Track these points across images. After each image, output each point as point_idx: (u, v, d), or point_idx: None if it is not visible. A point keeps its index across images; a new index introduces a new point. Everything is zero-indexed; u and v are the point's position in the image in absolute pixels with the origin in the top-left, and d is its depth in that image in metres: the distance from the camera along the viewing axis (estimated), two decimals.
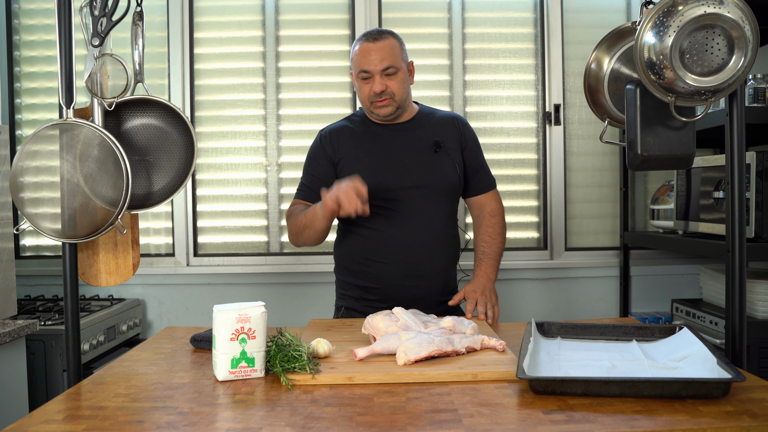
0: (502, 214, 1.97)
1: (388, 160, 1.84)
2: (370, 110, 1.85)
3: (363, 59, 1.79)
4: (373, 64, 1.78)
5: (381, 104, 1.81)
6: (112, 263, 1.55)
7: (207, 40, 2.78)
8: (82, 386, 1.18)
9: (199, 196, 2.79)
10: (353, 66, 1.83)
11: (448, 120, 1.95)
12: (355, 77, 1.83)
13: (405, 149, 1.85)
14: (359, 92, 1.85)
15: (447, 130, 1.91)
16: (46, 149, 1.39)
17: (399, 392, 1.11)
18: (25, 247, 2.81)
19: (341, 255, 1.92)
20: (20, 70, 2.77)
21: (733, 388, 1.07)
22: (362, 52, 1.80)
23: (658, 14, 1.28)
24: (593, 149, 2.83)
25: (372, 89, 1.79)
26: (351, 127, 1.91)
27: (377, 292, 1.83)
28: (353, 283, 1.88)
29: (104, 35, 1.40)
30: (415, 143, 1.87)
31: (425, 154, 1.85)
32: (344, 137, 1.89)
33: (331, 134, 1.91)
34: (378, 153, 1.85)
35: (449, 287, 1.90)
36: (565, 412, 0.99)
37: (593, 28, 2.78)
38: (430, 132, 1.89)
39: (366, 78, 1.80)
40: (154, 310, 2.78)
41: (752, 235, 1.99)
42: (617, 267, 2.81)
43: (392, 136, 1.88)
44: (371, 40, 1.80)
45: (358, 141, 1.88)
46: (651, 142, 1.41)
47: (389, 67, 1.78)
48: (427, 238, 1.82)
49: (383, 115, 1.83)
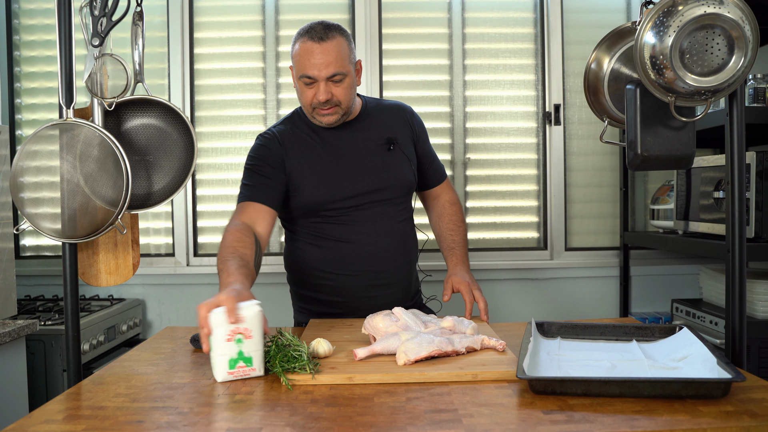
0: (460, 203, 1.90)
1: (341, 164, 1.68)
2: (312, 116, 1.67)
3: (305, 62, 1.58)
4: (317, 69, 1.57)
5: (325, 113, 1.63)
6: (112, 263, 1.55)
7: (207, 40, 2.78)
8: (82, 386, 1.18)
9: (199, 196, 2.79)
10: (294, 66, 1.63)
11: (396, 112, 1.80)
12: (296, 79, 1.63)
13: (357, 151, 1.70)
14: (300, 96, 1.65)
15: (397, 124, 1.77)
16: (46, 149, 1.39)
17: (399, 392, 1.11)
18: (25, 247, 2.81)
19: (296, 267, 1.77)
20: (20, 70, 2.77)
21: (733, 388, 1.07)
22: (305, 53, 1.58)
23: (658, 14, 1.28)
24: (593, 149, 2.83)
25: (316, 97, 1.60)
26: (295, 131, 1.72)
27: (341, 305, 1.72)
28: (313, 297, 1.76)
29: (104, 35, 1.40)
30: (367, 143, 1.72)
31: (379, 154, 1.71)
32: (290, 142, 1.70)
33: (275, 137, 1.71)
34: (329, 158, 1.69)
35: (412, 291, 1.82)
36: (565, 412, 0.99)
37: (593, 28, 2.78)
38: (381, 128, 1.75)
39: (309, 83, 1.60)
40: (154, 310, 2.78)
41: (752, 235, 1.99)
42: (617, 267, 2.81)
43: (341, 137, 1.71)
44: (316, 40, 1.58)
45: (306, 147, 1.70)
46: (651, 142, 1.41)
47: (336, 74, 1.58)
48: (390, 244, 1.71)
49: (327, 123, 1.66)
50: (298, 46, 1.61)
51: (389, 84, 2.78)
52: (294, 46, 1.63)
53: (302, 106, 1.68)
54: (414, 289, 1.84)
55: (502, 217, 2.81)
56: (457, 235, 1.83)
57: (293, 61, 1.63)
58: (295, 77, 1.64)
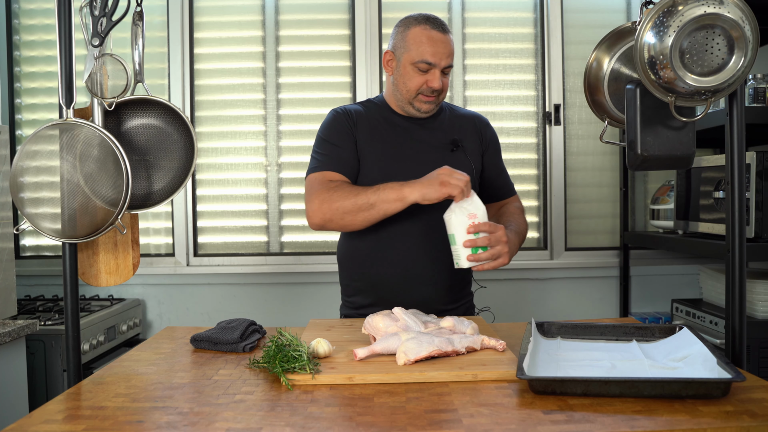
0: (524, 213, 1.84)
1: (402, 153, 1.70)
2: (410, 102, 1.69)
3: (430, 48, 1.62)
4: (439, 57, 1.62)
5: (430, 100, 1.68)
6: (112, 263, 1.55)
7: (207, 40, 2.78)
8: (82, 386, 1.18)
9: (199, 196, 2.79)
10: (409, 50, 1.65)
11: (469, 119, 1.83)
12: (407, 63, 1.65)
13: (421, 144, 1.72)
14: (407, 80, 1.67)
15: (467, 130, 1.79)
16: (46, 149, 1.38)
17: (399, 392, 1.11)
18: (25, 247, 2.81)
19: (342, 256, 1.81)
20: (20, 70, 2.77)
21: (733, 388, 1.07)
22: (430, 40, 1.62)
23: (658, 14, 1.28)
24: (593, 149, 2.83)
25: (428, 83, 1.64)
26: (365, 113, 1.76)
27: (374, 296, 1.73)
28: (355, 288, 1.77)
29: (104, 35, 1.40)
30: (433, 140, 1.74)
31: (441, 153, 1.73)
32: (361, 120, 1.73)
33: (348, 113, 1.74)
34: (394, 144, 1.71)
35: (457, 294, 1.77)
36: (565, 412, 0.99)
37: (593, 28, 2.78)
38: (449, 130, 1.77)
39: (425, 69, 1.64)
40: (154, 310, 2.78)
41: (752, 235, 1.99)
42: (617, 267, 2.81)
43: (410, 129, 1.74)
44: (439, 29, 1.63)
45: (374, 128, 1.72)
46: (651, 142, 1.41)
47: (450, 65, 1.66)
48: (429, 242, 1.69)
49: (425, 111, 1.70)
50: (418, 31, 1.64)
51: None
52: (408, 30, 1.66)
53: (402, 90, 1.69)
54: (460, 293, 1.79)
55: None
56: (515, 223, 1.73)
57: (407, 44, 1.65)
58: (404, 62, 1.66)
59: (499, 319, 2.75)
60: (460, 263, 1.50)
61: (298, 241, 2.80)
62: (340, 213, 1.57)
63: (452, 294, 1.76)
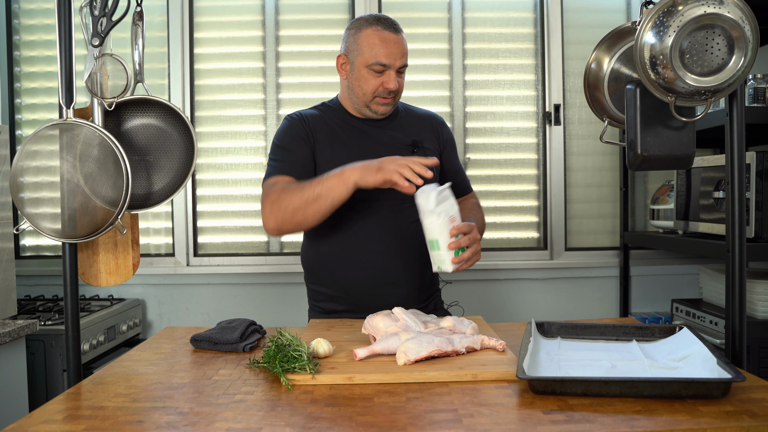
0: (481, 209, 1.85)
1: (363, 156, 1.63)
2: (367, 105, 1.68)
3: (384, 50, 1.60)
4: (393, 58, 1.61)
5: (386, 102, 1.66)
6: (112, 263, 1.55)
7: (207, 40, 2.78)
8: (82, 386, 1.18)
9: (199, 196, 2.79)
10: (362, 53, 1.63)
11: (426, 119, 1.82)
12: (362, 66, 1.64)
13: (381, 147, 1.70)
14: (362, 83, 1.66)
15: (425, 130, 1.79)
16: (46, 149, 1.38)
17: (399, 392, 1.11)
18: (25, 247, 2.81)
19: (307, 262, 1.78)
20: (20, 70, 2.77)
21: (733, 388, 1.07)
22: (383, 41, 1.61)
23: (658, 14, 1.28)
24: (593, 149, 2.83)
25: (384, 85, 1.63)
26: (322, 117, 1.73)
27: (346, 301, 1.70)
28: (323, 293, 1.75)
29: (104, 35, 1.40)
30: (393, 141, 1.72)
31: (402, 154, 1.69)
32: (318, 124, 1.71)
33: (304, 119, 1.72)
34: (353, 147, 1.69)
35: (426, 292, 1.78)
36: (565, 412, 0.99)
37: (593, 28, 2.78)
38: (408, 130, 1.76)
39: (380, 71, 1.62)
40: (154, 310, 2.78)
41: (752, 235, 1.99)
42: (617, 267, 2.81)
43: (369, 131, 1.72)
44: (391, 30, 1.62)
45: (332, 131, 1.71)
46: (651, 142, 1.41)
47: (404, 65, 1.64)
48: (400, 244, 1.68)
49: (382, 113, 1.69)
50: (369, 33, 1.62)
51: None
52: (359, 32, 1.64)
53: (359, 93, 1.68)
54: (429, 292, 1.80)
55: (502, 217, 2.82)
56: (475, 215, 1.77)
57: (359, 47, 1.63)
58: (358, 65, 1.65)
59: (498, 319, 2.76)
60: (443, 267, 1.44)
61: (298, 241, 2.80)
62: (290, 211, 1.54)
63: (423, 293, 1.77)
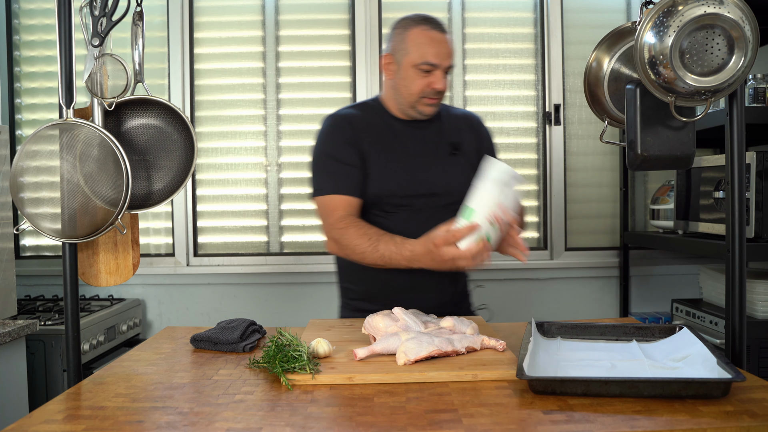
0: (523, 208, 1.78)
1: (407, 161, 1.66)
2: (413, 105, 1.64)
3: (432, 49, 1.58)
4: (442, 58, 1.58)
5: (432, 102, 1.63)
6: (112, 263, 1.55)
7: (207, 40, 2.78)
8: (82, 386, 1.18)
9: (199, 196, 2.79)
10: (410, 53, 1.60)
11: (464, 119, 1.79)
12: (409, 66, 1.60)
13: (421, 149, 1.69)
14: (409, 83, 1.62)
15: (464, 130, 1.76)
16: (46, 149, 1.38)
17: (399, 392, 1.11)
18: (25, 247, 2.81)
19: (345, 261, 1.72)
20: (20, 70, 2.77)
21: (733, 388, 1.07)
22: (431, 41, 1.58)
23: (658, 14, 1.28)
24: (593, 149, 2.83)
25: (431, 85, 1.60)
26: (365, 118, 1.70)
27: (380, 302, 1.66)
28: (356, 292, 1.74)
29: (104, 35, 1.40)
30: (432, 143, 1.70)
31: (441, 156, 1.70)
32: (362, 127, 1.67)
33: (349, 121, 1.68)
34: (396, 150, 1.67)
35: (457, 298, 1.76)
36: (565, 412, 0.99)
37: (593, 28, 2.78)
38: (448, 132, 1.73)
39: (427, 71, 1.59)
40: (154, 310, 2.78)
41: (752, 235, 1.99)
42: (617, 267, 2.81)
43: (411, 133, 1.70)
44: (439, 30, 1.60)
45: (377, 135, 1.67)
46: (651, 142, 1.41)
47: (451, 65, 1.62)
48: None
49: (428, 114, 1.66)
50: (418, 32, 1.59)
51: None
52: (407, 31, 1.61)
53: (405, 93, 1.64)
54: (459, 298, 1.78)
55: None
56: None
57: (407, 47, 1.60)
58: (405, 64, 1.61)
59: (500, 319, 2.76)
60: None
61: (298, 241, 2.80)
62: (352, 252, 1.58)
63: (456, 297, 1.76)
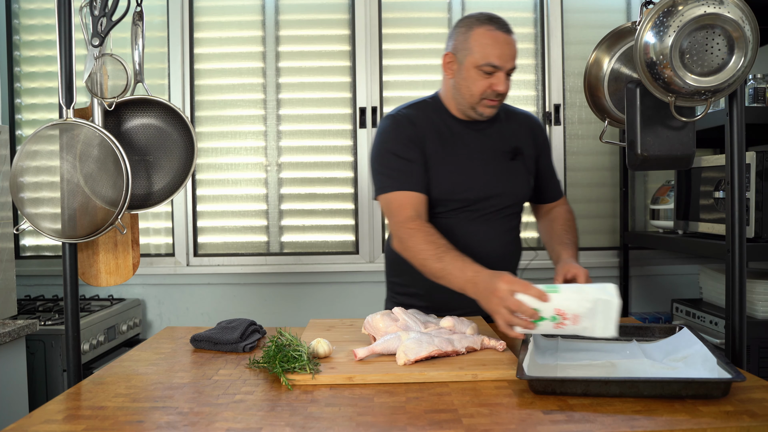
0: (574, 219, 1.79)
1: (468, 164, 1.63)
2: (473, 106, 1.61)
3: (496, 50, 1.53)
4: (505, 60, 1.54)
5: (493, 104, 1.59)
6: (112, 263, 1.55)
7: (207, 40, 2.78)
8: (82, 386, 1.18)
9: (199, 196, 2.79)
10: (473, 53, 1.56)
11: (523, 121, 1.76)
12: (471, 66, 1.56)
13: (480, 152, 1.66)
14: (470, 84, 1.58)
15: (523, 134, 1.73)
16: (46, 149, 1.38)
17: (399, 392, 1.11)
18: (25, 247, 2.81)
19: (393, 253, 1.69)
20: (20, 70, 2.77)
21: (733, 388, 1.07)
22: (495, 41, 1.54)
23: (658, 14, 1.28)
24: (593, 149, 2.83)
25: (493, 87, 1.55)
26: (426, 118, 1.66)
27: (428, 299, 1.67)
28: (407, 288, 1.72)
29: (104, 35, 1.40)
30: (494, 146, 1.67)
31: (501, 160, 1.67)
32: (422, 125, 1.64)
33: (412, 122, 1.64)
34: (458, 153, 1.64)
35: None
36: (565, 412, 0.99)
37: (593, 28, 2.78)
38: (508, 135, 1.70)
39: (490, 72, 1.55)
40: (154, 310, 2.78)
41: (752, 235, 1.99)
42: (617, 267, 2.81)
43: (471, 135, 1.66)
44: (504, 30, 1.56)
45: (439, 136, 1.64)
46: (651, 142, 1.41)
47: (514, 67, 1.58)
48: (491, 252, 1.62)
49: (488, 115, 1.62)
50: (481, 32, 1.55)
51: (389, 84, 2.78)
52: (471, 31, 1.57)
53: (465, 94, 1.60)
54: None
55: None
56: (571, 235, 1.70)
57: (470, 46, 1.56)
58: (467, 64, 1.57)
59: None
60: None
61: (298, 241, 2.80)
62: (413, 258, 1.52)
63: None
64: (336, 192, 2.79)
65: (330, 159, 2.79)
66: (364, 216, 2.77)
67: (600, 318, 1.19)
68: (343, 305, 2.76)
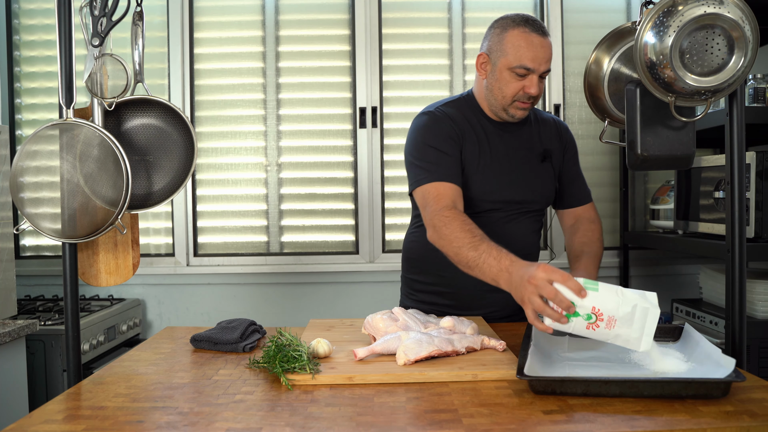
0: (600, 224, 1.81)
1: (500, 165, 1.64)
2: (505, 108, 1.61)
3: (530, 53, 1.53)
4: (538, 62, 1.53)
5: (524, 106, 1.59)
6: (112, 263, 1.55)
7: (207, 40, 2.78)
8: (82, 386, 1.18)
9: (199, 196, 2.79)
10: (506, 54, 1.56)
11: (552, 125, 1.76)
12: (504, 68, 1.57)
13: (515, 156, 1.67)
14: (503, 85, 1.58)
15: (552, 137, 1.74)
16: (46, 149, 1.38)
17: (399, 392, 1.11)
18: (25, 247, 2.81)
19: (417, 253, 1.72)
20: (20, 70, 2.77)
21: (733, 388, 1.07)
22: (529, 44, 1.53)
23: (658, 14, 1.28)
24: (593, 149, 2.83)
25: (525, 89, 1.56)
26: (463, 115, 1.66)
27: (452, 297, 1.69)
28: (427, 286, 1.73)
29: (104, 35, 1.40)
30: (524, 148, 1.69)
31: (531, 163, 1.68)
32: (460, 123, 1.64)
33: (451, 118, 1.64)
34: (490, 153, 1.64)
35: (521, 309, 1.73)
36: (565, 412, 0.99)
37: (593, 28, 2.78)
38: (538, 137, 1.71)
39: (523, 74, 1.55)
40: (154, 310, 2.78)
41: (752, 235, 1.99)
42: (617, 267, 2.81)
43: (503, 136, 1.67)
44: (539, 33, 1.54)
45: (476, 135, 1.64)
46: (651, 142, 1.41)
47: (548, 70, 1.57)
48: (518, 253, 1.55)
49: (519, 117, 1.62)
50: (516, 34, 1.55)
51: (389, 84, 2.78)
52: (505, 32, 1.57)
53: (498, 96, 1.61)
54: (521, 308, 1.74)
55: None
56: (588, 247, 1.71)
57: (504, 48, 1.56)
58: (500, 66, 1.57)
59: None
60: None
61: (298, 241, 2.80)
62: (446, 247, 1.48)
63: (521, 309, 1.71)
64: (336, 192, 2.80)
65: (330, 159, 2.79)
66: (364, 216, 2.77)
67: (637, 327, 1.13)
68: (343, 305, 2.77)
